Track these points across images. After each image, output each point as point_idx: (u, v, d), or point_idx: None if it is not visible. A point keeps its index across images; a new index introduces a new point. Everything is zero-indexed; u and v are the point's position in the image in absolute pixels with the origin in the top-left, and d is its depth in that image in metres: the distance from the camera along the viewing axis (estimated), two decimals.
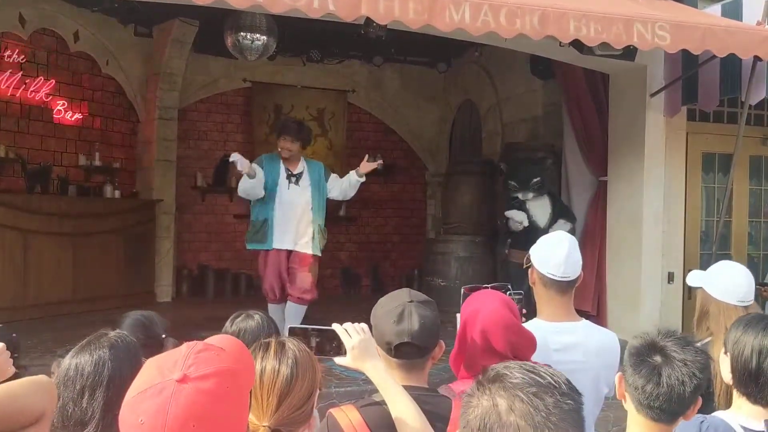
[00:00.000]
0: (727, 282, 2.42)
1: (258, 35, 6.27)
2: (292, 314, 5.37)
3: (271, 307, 5.45)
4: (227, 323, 2.34)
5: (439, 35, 4.42)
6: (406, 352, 1.80)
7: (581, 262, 2.28)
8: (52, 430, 1.62)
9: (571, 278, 2.25)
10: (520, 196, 6.34)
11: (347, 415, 1.74)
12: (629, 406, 1.65)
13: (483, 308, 1.94)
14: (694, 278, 2.58)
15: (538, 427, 1.00)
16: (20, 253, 6.48)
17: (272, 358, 1.48)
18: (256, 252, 5.62)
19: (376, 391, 1.76)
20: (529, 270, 2.31)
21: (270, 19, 6.18)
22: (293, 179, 5.41)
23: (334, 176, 5.64)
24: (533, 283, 2.31)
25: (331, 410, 1.78)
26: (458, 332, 2.00)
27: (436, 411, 1.73)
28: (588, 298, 5.85)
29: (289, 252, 5.42)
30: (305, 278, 5.43)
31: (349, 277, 9.50)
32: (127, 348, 1.89)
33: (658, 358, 1.59)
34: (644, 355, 1.61)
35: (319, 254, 5.57)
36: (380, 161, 5.57)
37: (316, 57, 8.91)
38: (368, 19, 3.92)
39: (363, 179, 5.51)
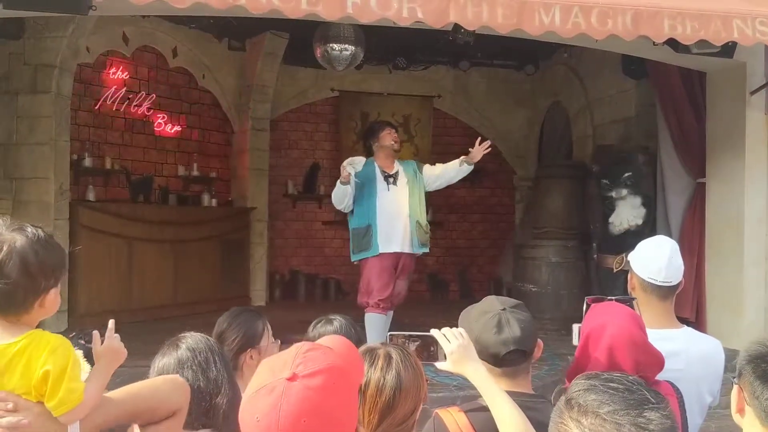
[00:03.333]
0: None
1: (346, 45, 6.38)
2: (383, 323, 5.15)
3: (376, 317, 5.12)
4: (310, 327, 2.41)
5: (527, 38, 4.39)
6: (513, 359, 1.80)
7: (683, 268, 2.22)
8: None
9: (672, 283, 2.18)
10: (613, 194, 6.19)
11: (454, 417, 1.75)
12: (751, 419, 1.55)
13: (610, 323, 1.85)
14: None
15: None
16: (125, 259, 6.84)
17: (378, 370, 1.49)
18: (348, 260, 5.57)
19: (469, 396, 1.77)
20: (629, 275, 2.26)
21: (358, 29, 6.29)
22: (391, 179, 5.27)
23: (427, 166, 5.51)
24: (632, 289, 2.24)
25: (438, 411, 1.79)
26: (579, 346, 1.92)
27: (541, 417, 1.70)
28: (687, 304, 5.64)
29: (397, 258, 5.23)
30: (404, 287, 5.34)
31: (436, 282, 9.50)
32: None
33: None
34: None
35: (427, 250, 5.44)
36: (489, 142, 5.41)
37: (402, 64, 8.98)
38: (456, 25, 3.95)
39: (472, 167, 5.40)
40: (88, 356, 1.98)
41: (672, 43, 4.27)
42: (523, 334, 1.79)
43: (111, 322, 1.71)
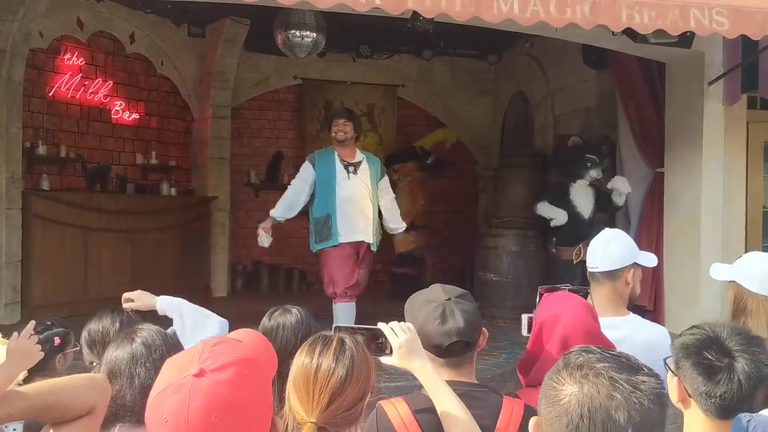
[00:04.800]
0: (765, 274, 2.31)
1: (308, 32, 6.30)
2: (349, 312, 5.17)
3: (345, 306, 5.15)
4: (265, 318, 2.36)
5: (487, 27, 4.36)
6: (456, 350, 1.78)
7: (622, 256, 2.23)
8: (117, 412, 1.73)
9: (598, 269, 2.23)
10: (593, 173, 6.22)
11: (396, 408, 1.73)
12: (693, 408, 1.56)
13: (564, 313, 1.84)
14: (720, 271, 2.45)
15: (643, 410, 1.04)
16: (81, 249, 6.69)
17: (330, 355, 1.47)
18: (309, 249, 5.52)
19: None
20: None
21: (319, 15, 6.21)
22: (351, 168, 5.25)
23: (386, 180, 5.54)
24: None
25: (381, 402, 1.77)
26: (532, 336, 1.90)
27: (483, 406, 1.70)
28: (645, 292, 5.70)
29: (358, 246, 5.24)
30: (365, 276, 5.34)
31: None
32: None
33: (726, 360, 1.51)
34: (709, 358, 1.52)
35: (377, 247, 5.45)
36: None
37: (366, 53, 8.91)
38: (415, 13, 3.91)
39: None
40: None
41: (630, 32, 4.29)
42: (467, 325, 1.76)
43: (31, 324, 1.70)
